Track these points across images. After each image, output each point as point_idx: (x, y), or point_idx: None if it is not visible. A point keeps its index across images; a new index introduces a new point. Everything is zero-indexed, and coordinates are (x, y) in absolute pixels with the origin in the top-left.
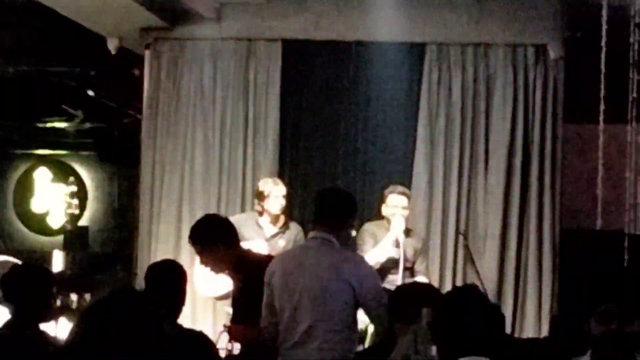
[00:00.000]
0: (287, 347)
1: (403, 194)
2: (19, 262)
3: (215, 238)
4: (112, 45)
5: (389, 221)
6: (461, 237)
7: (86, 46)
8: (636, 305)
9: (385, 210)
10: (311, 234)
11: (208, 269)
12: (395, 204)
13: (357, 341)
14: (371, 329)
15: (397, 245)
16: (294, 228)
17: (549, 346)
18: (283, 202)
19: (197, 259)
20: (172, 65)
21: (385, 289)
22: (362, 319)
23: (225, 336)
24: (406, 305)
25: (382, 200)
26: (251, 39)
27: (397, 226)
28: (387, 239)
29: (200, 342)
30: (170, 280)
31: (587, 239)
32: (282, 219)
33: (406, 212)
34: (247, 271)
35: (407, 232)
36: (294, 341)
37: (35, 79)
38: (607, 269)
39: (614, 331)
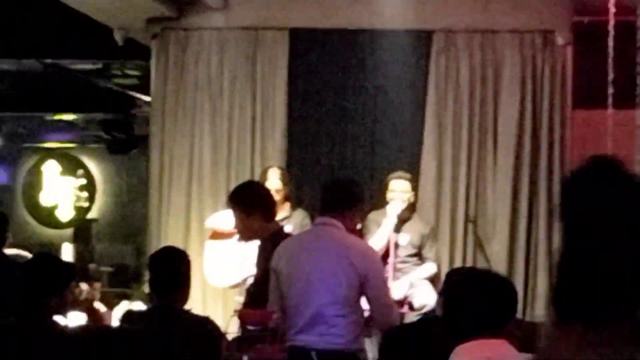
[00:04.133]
0: (293, 332)
1: (401, 177)
2: (30, 255)
3: (255, 205)
4: (118, 36)
5: None
6: (470, 224)
7: (94, 37)
8: None
9: (388, 196)
10: (317, 219)
11: (238, 237)
12: (393, 189)
13: (362, 325)
14: None
15: (397, 230)
16: (300, 213)
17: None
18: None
19: (207, 248)
20: (179, 55)
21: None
22: None
23: (235, 321)
24: None
25: (386, 187)
26: (258, 28)
27: (392, 211)
28: (386, 225)
29: (206, 326)
30: (171, 266)
31: None
32: (286, 206)
33: (406, 196)
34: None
35: (409, 217)
36: (300, 326)
37: (44, 71)
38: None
39: None
